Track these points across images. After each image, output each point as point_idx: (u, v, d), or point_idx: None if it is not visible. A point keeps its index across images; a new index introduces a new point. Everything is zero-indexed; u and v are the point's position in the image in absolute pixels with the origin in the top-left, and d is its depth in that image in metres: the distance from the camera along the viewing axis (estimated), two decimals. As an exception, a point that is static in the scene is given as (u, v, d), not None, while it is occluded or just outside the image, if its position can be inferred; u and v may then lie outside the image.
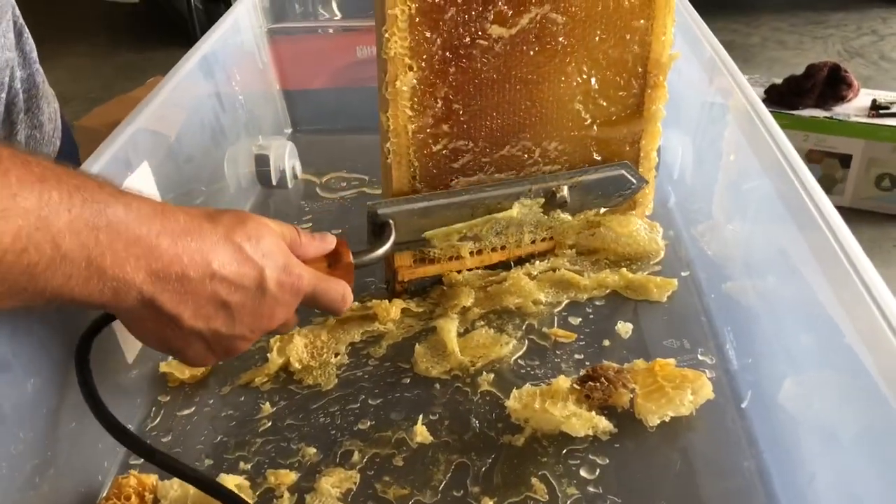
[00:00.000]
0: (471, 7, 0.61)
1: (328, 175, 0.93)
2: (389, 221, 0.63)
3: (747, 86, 0.66)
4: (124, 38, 3.72)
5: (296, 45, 1.05)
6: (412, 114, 0.63)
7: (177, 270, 0.44)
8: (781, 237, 0.54)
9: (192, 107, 0.76)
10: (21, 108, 0.71)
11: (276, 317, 0.51)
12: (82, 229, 0.40)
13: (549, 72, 0.66)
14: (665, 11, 0.67)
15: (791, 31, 3.46)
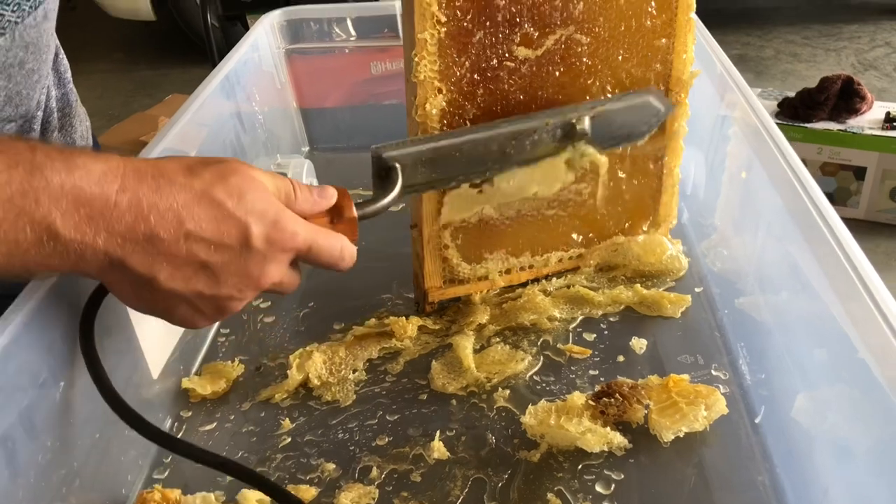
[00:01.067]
0: (498, 30, 0.63)
1: (345, 192, 0.94)
2: (396, 165, 0.58)
3: (757, 102, 0.67)
4: (142, 54, 3.77)
5: (312, 64, 1.07)
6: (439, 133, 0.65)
7: (144, 231, 0.43)
8: (792, 253, 0.55)
9: (215, 127, 0.78)
10: (55, 126, 0.73)
11: (268, 275, 0.49)
12: (14, 197, 0.39)
13: (574, 91, 0.67)
14: (686, 30, 0.68)
15: (804, 44, 3.46)
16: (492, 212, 0.68)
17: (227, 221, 0.45)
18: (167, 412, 0.63)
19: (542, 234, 0.72)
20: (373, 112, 1.06)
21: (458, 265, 0.69)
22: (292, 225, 0.48)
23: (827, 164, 2.22)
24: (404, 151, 0.59)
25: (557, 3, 0.63)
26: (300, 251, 0.49)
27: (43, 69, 0.68)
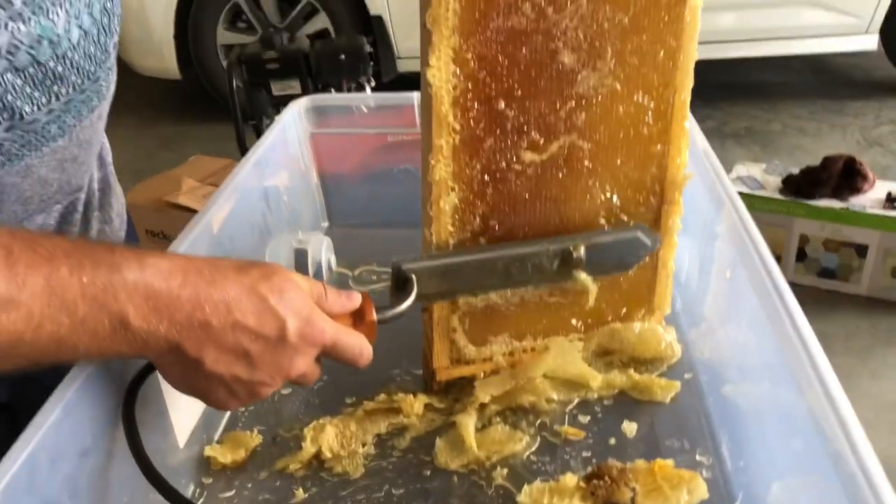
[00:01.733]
0: (507, 136, 0.69)
1: (360, 268, 1.01)
2: (412, 277, 0.66)
3: (741, 205, 0.73)
4: (166, 111, 3.90)
5: (333, 141, 1.14)
6: (453, 229, 0.71)
7: (199, 318, 0.49)
8: (767, 351, 0.60)
9: (245, 209, 0.85)
10: (96, 205, 0.79)
11: (296, 366, 0.55)
12: (98, 293, 0.46)
13: (575, 192, 0.73)
14: (679, 137, 0.74)
15: (810, 119, 3.54)
16: (497, 298, 0.74)
17: (268, 315, 0.52)
18: (190, 479, 0.68)
19: (543, 319, 0.77)
20: (388, 189, 1.12)
21: (464, 347, 0.75)
22: (321, 323, 0.55)
23: (830, 241, 2.27)
24: (420, 265, 0.67)
25: (561, 113, 0.70)
26: (326, 347, 0.56)
27: (91, 160, 0.75)
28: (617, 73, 0.70)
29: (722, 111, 3.62)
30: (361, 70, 2.42)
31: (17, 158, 0.61)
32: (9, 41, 0.54)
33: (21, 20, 0.54)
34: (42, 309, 0.44)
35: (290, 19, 3.52)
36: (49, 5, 0.57)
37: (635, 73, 0.70)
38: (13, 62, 0.55)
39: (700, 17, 0.71)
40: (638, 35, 0.69)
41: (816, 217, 2.26)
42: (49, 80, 0.59)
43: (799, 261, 2.33)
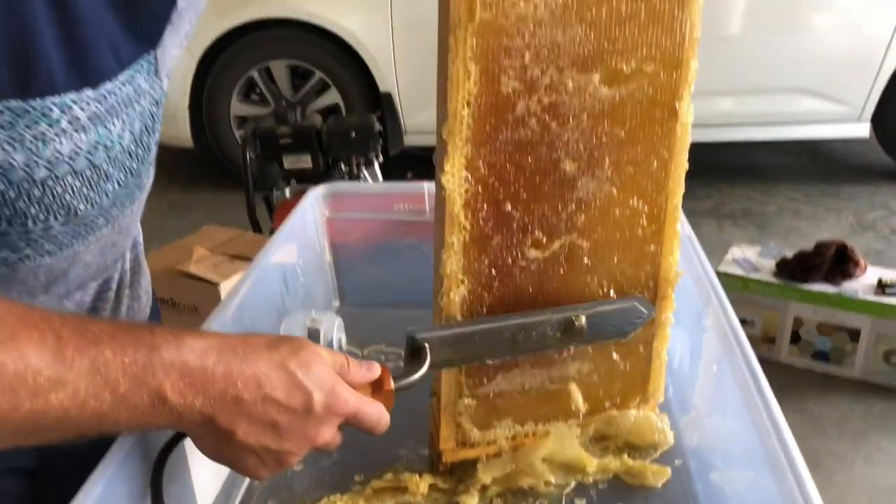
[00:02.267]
0: (513, 235, 0.75)
1: (369, 347, 1.06)
2: (425, 346, 0.70)
3: (727, 303, 0.79)
4: (176, 178, 3.99)
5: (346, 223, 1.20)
6: (461, 318, 0.76)
7: (232, 393, 0.54)
8: (747, 440, 0.65)
9: (266, 291, 0.91)
10: (127, 284, 0.85)
11: (322, 436, 0.59)
12: (138, 371, 0.50)
13: (575, 286, 0.79)
14: (672, 238, 0.80)
15: (806, 202, 3.63)
16: (502, 384, 0.79)
17: (296, 389, 0.56)
18: (209, 550, 0.72)
19: (544, 406, 0.82)
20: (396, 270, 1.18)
21: (470, 430, 0.79)
22: (345, 394, 0.59)
23: (823, 325, 2.33)
24: (432, 334, 0.72)
25: (563, 215, 0.76)
26: (349, 416, 0.60)
27: (128, 243, 0.81)
28: (614, 180, 0.77)
29: (720, 192, 3.72)
30: (371, 147, 2.51)
31: (66, 247, 0.67)
32: (71, 149, 0.61)
33: (84, 131, 0.61)
34: (87, 387, 0.49)
35: (302, 94, 3.65)
36: (107, 116, 0.63)
37: (631, 181, 0.77)
38: (73, 166, 0.62)
39: (689, 131, 0.78)
40: (633, 147, 0.76)
41: (810, 301, 2.32)
42: (102, 180, 0.65)
43: (793, 343, 2.38)
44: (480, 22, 0.68)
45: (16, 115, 0.56)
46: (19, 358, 0.47)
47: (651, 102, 0.75)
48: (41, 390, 0.48)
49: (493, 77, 0.70)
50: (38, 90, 0.57)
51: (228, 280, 2.09)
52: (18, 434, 0.49)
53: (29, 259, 0.65)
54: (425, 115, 3.57)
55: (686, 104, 0.76)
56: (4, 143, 0.56)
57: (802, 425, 2.15)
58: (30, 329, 0.49)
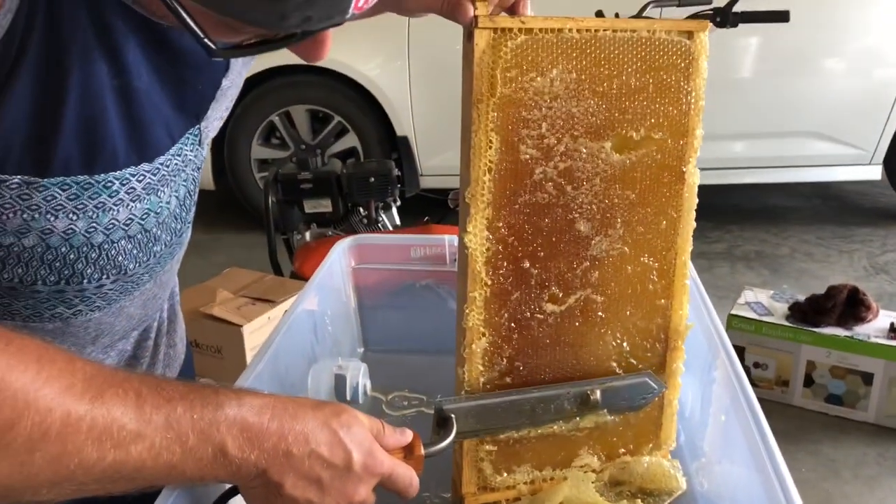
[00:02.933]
0: (531, 290, 0.80)
1: (393, 393, 1.10)
2: (452, 416, 0.76)
3: (733, 354, 0.83)
4: (197, 219, 4.04)
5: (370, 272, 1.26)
6: (483, 369, 0.81)
7: (283, 448, 0.59)
8: (753, 489, 0.69)
9: (298, 342, 0.96)
10: (164, 332, 0.90)
11: (358, 493, 0.63)
12: (205, 427, 0.56)
13: (590, 338, 0.84)
14: (681, 293, 0.85)
15: (818, 244, 3.67)
16: (521, 433, 0.83)
17: (339, 447, 0.61)
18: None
19: (562, 452, 0.86)
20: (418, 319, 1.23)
21: (490, 476, 0.84)
22: (381, 455, 0.64)
23: (836, 368, 2.35)
24: (458, 406, 0.78)
25: (578, 271, 0.81)
26: (383, 477, 0.65)
27: (165, 295, 0.87)
28: (626, 239, 0.82)
29: (732, 234, 3.76)
30: (389, 192, 2.58)
31: (114, 302, 0.73)
32: (127, 216, 0.67)
33: (139, 200, 0.67)
34: (161, 440, 0.55)
35: (321, 137, 3.74)
36: (159, 186, 0.70)
37: (642, 239, 0.82)
38: (127, 231, 0.68)
39: (696, 192, 0.83)
40: (644, 208, 0.81)
41: (822, 344, 2.34)
42: (150, 242, 0.72)
43: (807, 386, 2.40)
44: (501, 96, 0.74)
45: (82, 188, 0.63)
46: (107, 413, 0.53)
47: (660, 167, 0.81)
48: (124, 442, 0.53)
49: (513, 146, 0.76)
50: (102, 167, 0.63)
51: (251, 322, 2.15)
52: (100, 483, 0.55)
53: (81, 314, 0.71)
54: (440, 158, 3.65)
55: (692, 167, 0.82)
56: (70, 213, 0.63)
57: (817, 468, 2.17)
58: (115, 387, 0.55)
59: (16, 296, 0.65)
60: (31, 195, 0.60)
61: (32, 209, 0.60)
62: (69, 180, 0.61)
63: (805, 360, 2.38)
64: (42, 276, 0.64)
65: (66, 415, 0.52)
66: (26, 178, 0.59)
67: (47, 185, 0.60)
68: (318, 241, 2.56)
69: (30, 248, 0.62)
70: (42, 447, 0.51)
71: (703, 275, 1.02)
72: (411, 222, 2.70)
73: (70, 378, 0.53)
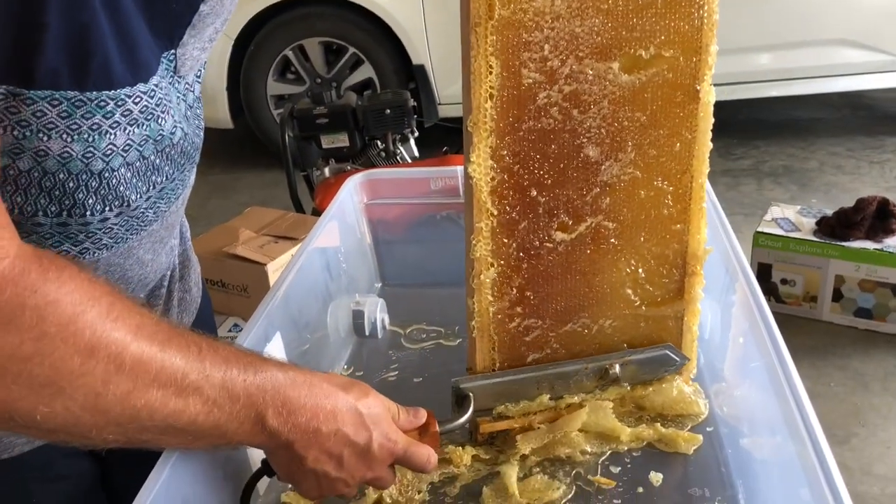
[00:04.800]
0: (539, 219, 0.79)
1: (411, 326, 1.11)
2: (469, 394, 0.79)
3: (751, 275, 0.81)
4: (217, 159, 4.06)
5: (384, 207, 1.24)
6: (492, 299, 0.80)
7: (314, 425, 0.63)
8: (770, 409, 0.69)
9: (311, 281, 0.96)
10: (177, 278, 0.90)
11: (374, 471, 0.68)
12: (254, 392, 0.60)
13: (603, 265, 0.82)
14: (699, 217, 0.82)
15: (848, 156, 3.57)
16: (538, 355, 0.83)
17: (362, 427, 0.66)
18: (270, 522, 0.78)
19: None
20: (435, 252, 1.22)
21: None
22: (396, 436, 0.69)
23: (865, 281, 2.32)
24: (475, 385, 0.80)
25: (588, 198, 0.79)
26: (399, 456, 0.69)
27: (175, 239, 0.87)
28: (637, 163, 0.79)
29: (758, 150, 3.68)
30: (406, 123, 2.55)
31: (122, 241, 0.72)
32: (125, 141, 0.65)
33: (136, 125, 0.66)
34: (216, 398, 0.58)
35: (336, 70, 3.68)
36: (159, 112, 0.68)
37: (655, 163, 0.80)
38: (126, 158, 0.66)
39: (711, 111, 0.80)
40: (655, 130, 0.78)
41: (851, 259, 2.31)
42: (150, 171, 0.70)
43: (835, 301, 2.37)
44: (500, 18, 0.71)
45: (73, 105, 0.60)
46: (174, 360, 0.56)
47: (671, 86, 0.77)
48: (185, 391, 0.56)
49: (514, 70, 0.73)
50: (94, 83, 0.61)
51: (275, 260, 2.16)
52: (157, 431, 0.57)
53: (88, 252, 0.69)
54: (459, 85, 3.55)
55: (707, 86, 0.78)
56: (64, 133, 0.61)
57: (845, 382, 2.16)
58: (179, 337, 0.57)
59: (18, 230, 0.64)
60: (18, 108, 0.58)
61: (23, 126, 0.59)
62: (58, 95, 0.59)
63: (833, 275, 2.34)
64: (42, 205, 0.63)
65: (140, 352, 0.54)
66: (11, 88, 0.57)
67: (34, 97, 0.58)
68: (337, 176, 2.55)
69: (26, 171, 0.61)
70: (116, 381, 0.53)
71: (728, 192, 1.00)
72: (431, 153, 2.68)
73: (140, 318, 0.55)
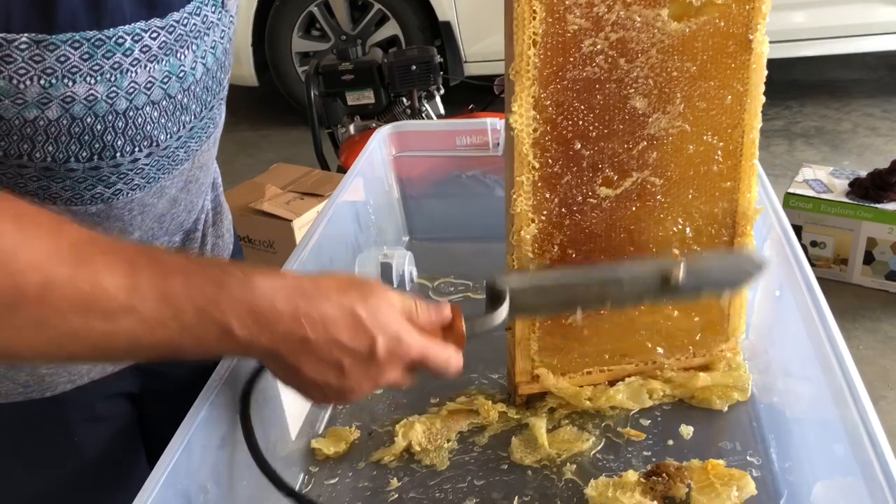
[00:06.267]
0: (583, 173, 0.76)
1: (439, 280, 1.10)
2: (505, 290, 0.69)
3: (788, 227, 0.80)
4: (244, 117, 4.06)
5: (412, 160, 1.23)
6: (532, 256, 0.78)
7: (300, 334, 0.56)
8: (808, 364, 0.68)
9: (341, 232, 0.96)
10: (210, 223, 0.90)
11: (385, 377, 0.60)
12: (204, 305, 0.53)
13: (649, 224, 0.79)
14: (749, 174, 0.80)
15: (883, 118, 3.49)
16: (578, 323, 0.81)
17: (362, 333, 0.58)
18: (300, 467, 0.79)
19: (620, 345, 0.84)
20: (462, 206, 1.21)
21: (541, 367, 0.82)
22: (409, 339, 0.60)
23: (898, 244, 2.28)
24: (515, 282, 0.70)
25: (634, 152, 0.76)
26: (413, 361, 0.61)
27: (208, 181, 0.87)
28: (686, 116, 0.76)
29: (791, 110, 3.61)
30: (432, 80, 2.52)
31: (154, 181, 0.72)
32: (146, 79, 0.65)
33: (156, 61, 0.65)
34: (155, 316, 0.51)
35: (361, 27, 3.65)
36: (178, 48, 0.67)
37: (704, 116, 0.77)
38: (150, 96, 0.66)
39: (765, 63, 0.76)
40: (706, 81, 0.75)
41: (884, 220, 2.27)
42: (178, 111, 0.70)
43: (866, 263, 2.34)
44: (542, -39, 0.69)
45: (94, 46, 0.60)
46: (94, 281, 0.50)
47: (723, 35, 0.74)
48: (112, 314, 0.51)
49: (559, 16, 0.71)
50: (110, 20, 0.61)
51: (301, 217, 2.16)
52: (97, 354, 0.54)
53: (122, 193, 0.70)
54: (485, 43, 3.53)
55: (760, 35, 0.75)
56: (87, 75, 0.61)
57: (874, 345, 2.14)
58: (106, 255, 0.52)
59: (52, 177, 0.65)
60: (42, 56, 0.58)
61: (48, 73, 0.59)
62: (78, 36, 0.59)
63: (865, 238, 2.31)
64: (73, 151, 0.63)
65: (45, 279, 0.49)
66: (34, 35, 0.57)
67: (57, 42, 0.58)
68: (362, 133, 2.54)
69: (55, 120, 0.61)
70: (22, 309, 0.48)
71: (759, 153, 0.97)
72: (456, 111, 2.65)
73: (54, 242, 0.50)
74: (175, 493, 0.58)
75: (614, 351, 0.84)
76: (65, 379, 0.76)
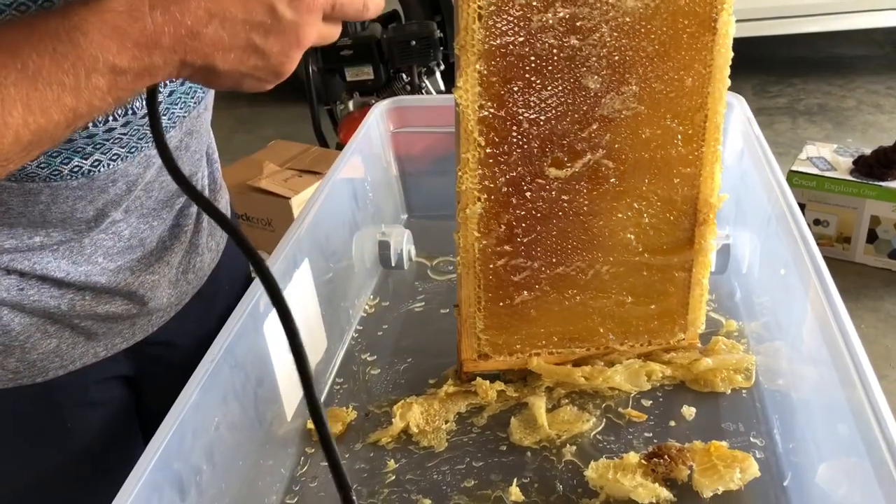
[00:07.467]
0: (531, 153, 0.74)
1: (438, 258, 1.09)
2: None
3: (794, 205, 0.78)
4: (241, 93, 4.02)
5: (410, 137, 1.21)
6: (479, 235, 0.77)
7: (185, 33, 0.49)
8: (814, 345, 0.66)
9: (337, 209, 0.94)
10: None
11: (307, 36, 0.53)
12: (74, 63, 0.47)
13: (602, 207, 0.77)
14: (712, 160, 0.76)
15: (888, 94, 3.46)
16: (527, 301, 0.79)
17: (251, 2, 0.51)
18: (296, 448, 0.78)
19: (569, 327, 0.82)
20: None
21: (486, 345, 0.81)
22: None
23: (902, 223, 2.26)
24: None
25: (585, 133, 0.74)
26: (326, 11, 0.54)
27: (201, 150, 0.84)
28: (642, 98, 0.73)
29: (794, 87, 3.57)
30: (432, 55, 2.49)
31: (136, 150, 0.68)
32: None
33: None
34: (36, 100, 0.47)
35: (361, 2, 3.60)
36: None
37: (662, 98, 0.73)
38: None
39: (730, 44, 0.72)
40: (663, 62, 0.72)
41: (888, 199, 2.25)
42: None
43: (869, 242, 2.32)
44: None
45: None
46: None
47: (684, 15, 0.70)
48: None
49: (505, -12, 0.67)
50: None
51: (299, 194, 2.14)
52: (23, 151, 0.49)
53: (102, 164, 0.66)
54: (486, 18, 3.49)
55: (727, 16, 0.71)
56: None
57: (877, 324, 2.13)
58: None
59: None
60: None
61: None
62: None
63: (869, 216, 2.29)
64: None
65: None
66: None
67: None
68: (361, 110, 2.51)
69: None
70: None
71: (762, 131, 0.95)
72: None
73: None
74: (166, 476, 0.57)
75: (563, 334, 0.83)
76: (56, 364, 0.74)
